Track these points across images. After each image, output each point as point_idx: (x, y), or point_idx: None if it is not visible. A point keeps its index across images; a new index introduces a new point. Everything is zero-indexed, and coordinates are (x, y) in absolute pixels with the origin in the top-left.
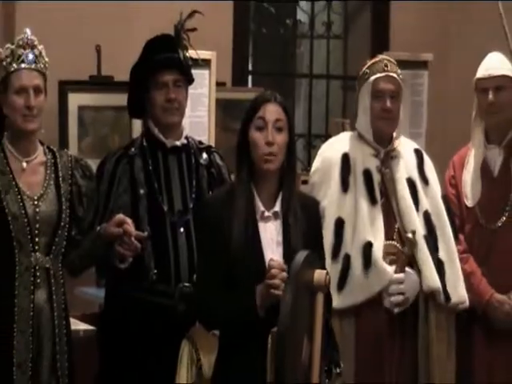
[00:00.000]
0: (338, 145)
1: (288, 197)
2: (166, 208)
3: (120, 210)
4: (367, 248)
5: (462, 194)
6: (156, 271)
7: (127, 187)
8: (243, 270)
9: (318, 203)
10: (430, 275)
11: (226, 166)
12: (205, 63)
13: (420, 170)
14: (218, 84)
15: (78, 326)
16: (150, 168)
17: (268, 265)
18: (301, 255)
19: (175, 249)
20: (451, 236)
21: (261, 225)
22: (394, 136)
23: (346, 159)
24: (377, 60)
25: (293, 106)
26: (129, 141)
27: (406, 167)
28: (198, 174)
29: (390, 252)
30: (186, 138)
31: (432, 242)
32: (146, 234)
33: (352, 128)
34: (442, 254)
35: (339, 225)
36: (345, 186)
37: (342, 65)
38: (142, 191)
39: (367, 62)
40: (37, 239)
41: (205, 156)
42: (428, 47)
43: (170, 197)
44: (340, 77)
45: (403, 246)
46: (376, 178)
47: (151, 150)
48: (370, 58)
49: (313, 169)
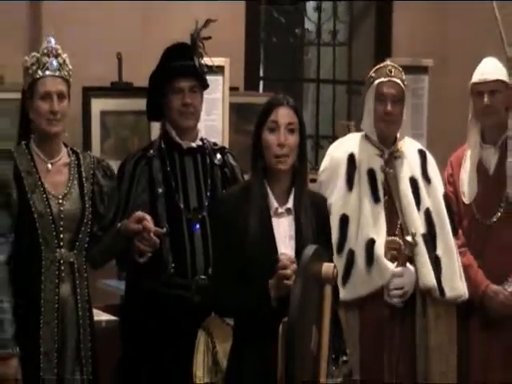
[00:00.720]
0: (345, 145)
1: (299, 194)
2: (182, 206)
3: (139, 208)
4: (370, 245)
5: (459, 192)
6: (173, 265)
7: (146, 186)
8: (258, 263)
9: (326, 200)
10: (426, 273)
11: (239, 166)
12: (219, 70)
13: (423, 170)
14: (231, 89)
15: (100, 316)
16: (168, 168)
17: (279, 258)
18: (310, 249)
19: (191, 244)
20: (450, 233)
21: (274, 220)
22: (398, 137)
23: (351, 159)
24: (382, 65)
25: (301, 109)
26: (147, 143)
27: (409, 167)
28: (213, 174)
29: (392, 247)
30: (201, 139)
31: (431, 239)
32: (163, 230)
33: (357, 129)
34: (439, 251)
35: (344, 221)
36: (350, 184)
37: (347, 70)
38: (159, 190)
39: (374, 68)
40: (61, 235)
41: (219, 157)
42: (428, 54)
43: (186, 195)
44: (345, 82)
45: (404, 241)
46: (380, 177)
47: (168, 151)
48: (373, 64)
49: (321, 168)
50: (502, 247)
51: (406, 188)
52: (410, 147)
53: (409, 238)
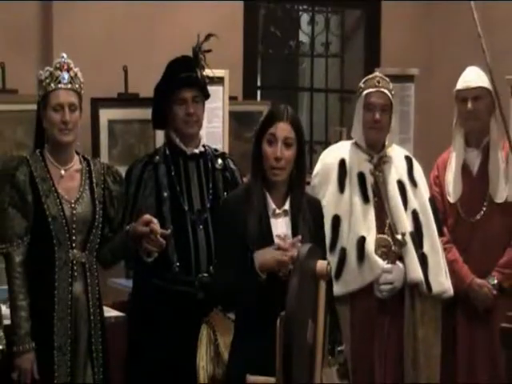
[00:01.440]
0: (336, 152)
1: (296, 198)
2: (186, 208)
3: (146, 211)
4: (361, 243)
5: (445, 192)
6: (178, 263)
7: (152, 190)
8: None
9: (321, 203)
10: (413, 269)
11: (239, 170)
12: (219, 80)
13: (409, 174)
14: (230, 98)
15: (109, 312)
16: (173, 173)
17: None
18: (305, 247)
19: (195, 244)
20: (436, 232)
21: (272, 221)
22: (387, 143)
23: (342, 164)
24: (371, 77)
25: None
26: (153, 150)
27: (396, 171)
28: (214, 178)
29: (382, 244)
30: (204, 146)
31: (418, 238)
32: (169, 231)
33: (348, 135)
34: (426, 249)
35: (336, 221)
36: (341, 187)
37: (339, 80)
38: (165, 194)
39: (363, 79)
40: (74, 237)
41: (220, 162)
42: (414, 63)
43: (189, 198)
44: (337, 90)
45: (393, 238)
46: (369, 180)
47: (173, 157)
48: (363, 74)
49: (314, 172)
50: (486, 243)
51: (393, 190)
52: (397, 153)
53: (399, 237)
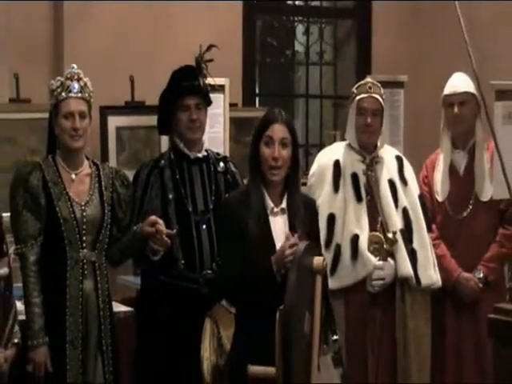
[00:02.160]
0: (331, 153)
1: (292, 196)
2: (190, 209)
3: (153, 212)
4: (355, 240)
5: (433, 191)
6: (183, 261)
7: (158, 193)
8: (258, 255)
9: (315, 202)
10: (403, 265)
11: (239, 172)
12: (220, 88)
13: (400, 173)
14: (231, 105)
15: (118, 308)
16: (177, 176)
17: (285, 236)
18: (302, 245)
19: (199, 242)
20: (425, 228)
21: (271, 218)
22: (379, 145)
23: (337, 165)
24: (363, 83)
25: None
26: (158, 154)
27: (387, 171)
28: (217, 180)
29: (374, 241)
30: (206, 150)
31: (407, 234)
32: (174, 231)
33: (342, 138)
34: (415, 244)
35: (331, 219)
36: (336, 186)
37: (333, 86)
38: (170, 196)
39: (356, 84)
40: (84, 238)
41: (222, 165)
42: (403, 70)
43: (193, 200)
44: (331, 96)
45: (385, 235)
46: (362, 180)
47: (177, 161)
48: (355, 81)
49: (310, 173)
50: (472, 239)
51: (385, 189)
52: (388, 153)
53: (390, 235)
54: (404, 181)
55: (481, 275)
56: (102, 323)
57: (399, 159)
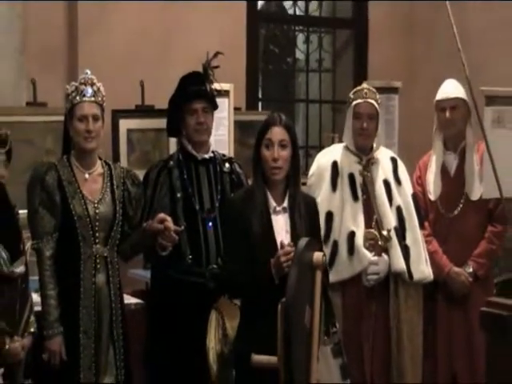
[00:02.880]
0: (330, 154)
1: (293, 196)
2: (197, 207)
3: (162, 210)
4: (351, 237)
5: (426, 191)
6: (191, 256)
7: (167, 192)
8: (260, 252)
9: (316, 200)
10: (397, 261)
11: (244, 172)
12: (225, 93)
13: (395, 174)
14: (235, 109)
15: (129, 300)
16: (185, 176)
17: (280, 244)
18: (303, 241)
19: (205, 239)
20: (417, 226)
21: (273, 217)
22: (374, 147)
23: (335, 165)
24: (359, 88)
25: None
26: (167, 155)
27: (383, 171)
28: (222, 180)
29: (370, 238)
30: (213, 152)
31: (401, 231)
32: (182, 228)
33: (340, 141)
34: (408, 241)
35: (329, 217)
36: (334, 186)
37: (331, 92)
38: (178, 195)
39: (353, 90)
40: (97, 234)
41: (227, 166)
42: (398, 77)
43: (200, 198)
44: (330, 101)
45: (380, 232)
46: (358, 179)
47: (185, 162)
48: (353, 86)
49: (310, 173)
50: (463, 236)
51: (380, 189)
52: (384, 155)
53: (384, 233)
54: (398, 181)
55: (470, 270)
56: (114, 314)
57: (394, 160)
